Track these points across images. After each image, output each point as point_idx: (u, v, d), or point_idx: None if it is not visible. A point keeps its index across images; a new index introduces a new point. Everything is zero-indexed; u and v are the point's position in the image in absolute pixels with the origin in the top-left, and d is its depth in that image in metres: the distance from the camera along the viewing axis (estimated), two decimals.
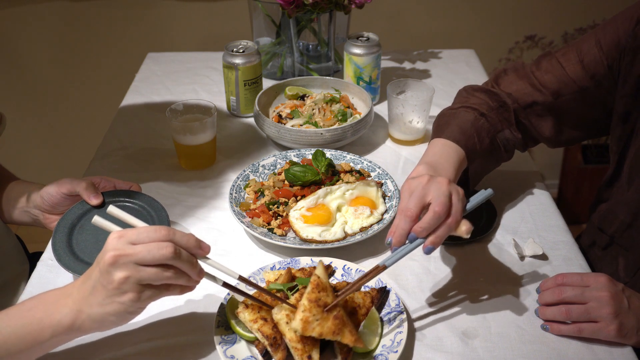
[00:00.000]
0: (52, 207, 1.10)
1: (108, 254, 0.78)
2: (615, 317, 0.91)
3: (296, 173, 1.22)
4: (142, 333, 0.97)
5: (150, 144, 1.43)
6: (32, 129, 2.59)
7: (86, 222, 1.08)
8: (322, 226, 1.13)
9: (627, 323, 0.92)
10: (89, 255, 1.03)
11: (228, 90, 1.51)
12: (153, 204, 1.12)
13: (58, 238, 1.05)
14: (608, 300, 0.92)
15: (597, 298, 0.92)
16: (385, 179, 1.25)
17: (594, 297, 0.93)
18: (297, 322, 0.84)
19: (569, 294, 0.94)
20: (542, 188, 1.28)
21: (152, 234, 0.79)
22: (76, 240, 1.05)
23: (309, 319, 0.84)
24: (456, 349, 0.94)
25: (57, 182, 1.09)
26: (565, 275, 0.97)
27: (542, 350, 0.93)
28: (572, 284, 0.95)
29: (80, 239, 1.06)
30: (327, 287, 0.88)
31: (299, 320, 0.84)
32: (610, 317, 0.91)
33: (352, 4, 1.53)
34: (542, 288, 0.99)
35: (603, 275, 0.95)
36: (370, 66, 1.51)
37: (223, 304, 0.96)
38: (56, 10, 2.33)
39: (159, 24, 2.40)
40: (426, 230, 0.90)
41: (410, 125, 1.40)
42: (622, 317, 0.91)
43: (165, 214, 1.11)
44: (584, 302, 0.93)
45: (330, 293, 0.87)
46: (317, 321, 0.84)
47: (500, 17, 2.44)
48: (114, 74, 2.46)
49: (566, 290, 0.95)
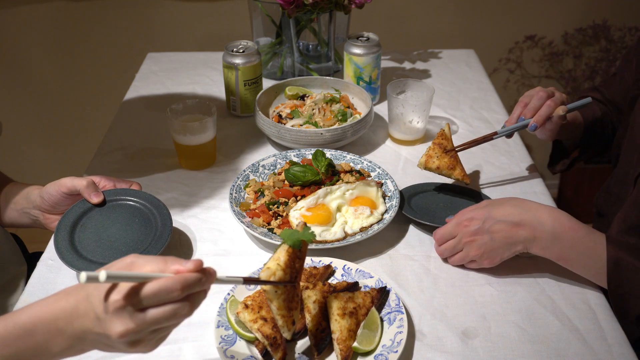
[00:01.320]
0: (52, 206, 1.10)
1: (119, 332, 0.69)
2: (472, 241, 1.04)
3: (296, 173, 1.22)
4: None
5: (150, 144, 1.43)
6: (32, 129, 2.59)
7: (87, 220, 1.08)
8: (322, 226, 1.13)
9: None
10: (92, 252, 1.03)
11: (228, 90, 1.51)
12: (154, 202, 1.12)
13: (60, 237, 1.05)
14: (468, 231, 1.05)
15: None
16: (385, 179, 1.25)
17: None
18: (422, 158, 1.20)
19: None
20: (542, 188, 1.28)
21: (163, 296, 0.69)
22: (78, 238, 1.06)
23: (431, 155, 1.19)
24: (456, 349, 0.94)
25: (57, 181, 1.09)
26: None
27: (542, 350, 0.93)
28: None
29: (83, 237, 1.06)
30: (449, 138, 1.21)
31: (424, 155, 1.20)
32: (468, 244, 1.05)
33: (352, 4, 1.52)
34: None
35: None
36: (370, 66, 1.51)
37: (223, 304, 0.96)
38: (56, 10, 2.33)
39: (159, 24, 2.40)
40: (531, 111, 1.19)
41: (410, 125, 1.40)
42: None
43: (167, 211, 1.11)
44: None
45: (450, 142, 1.21)
46: (437, 158, 1.19)
47: (500, 17, 2.44)
48: (114, 74, 2.45)
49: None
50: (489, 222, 1.02)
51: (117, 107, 1.59)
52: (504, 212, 1.02)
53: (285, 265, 0.81)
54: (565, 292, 1.04)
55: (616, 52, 2.52)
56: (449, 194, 1.25)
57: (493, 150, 1.40)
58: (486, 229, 1.02)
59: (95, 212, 1.09)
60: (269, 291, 0.82)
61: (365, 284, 1.01)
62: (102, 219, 1.08)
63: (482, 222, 1.03)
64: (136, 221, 1.09)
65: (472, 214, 1.05)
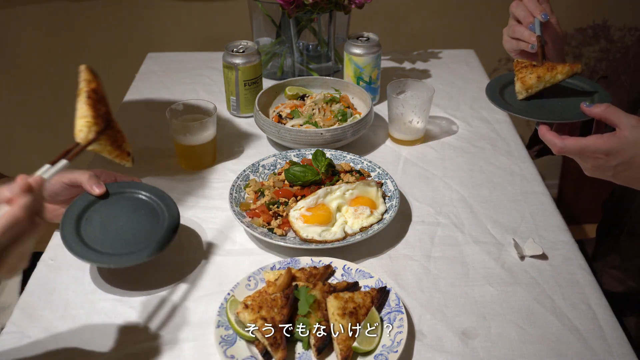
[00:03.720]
0: (51, 196, 1.08)
1: None
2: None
3: (296, 173, 1.22)
4: (142, 333, 0.97)
5: (150, 144, 1.43)
6: (32, 130, 2.58)
7: (92, 213, 1.06)
8: (322, 226, 1.13)
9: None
10: (100, 244, 1.01)
11: (228, 90, 1.51)
12: (158, 193, 1.11)
13: (67, 230, 1.02)
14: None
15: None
16: (385, 179, 1.25)
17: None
18: (517, 85, 1.07)
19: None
20: (542, 188, 1.28)
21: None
22: (85, 231, 1.03)
23: (523, 76, 1.07)
24: (456, 349, 0.94)
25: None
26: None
27: (542, 350, 0.93)
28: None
29: (89, 230, 1.03)
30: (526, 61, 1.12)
31: (517, 82, 1.07)
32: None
33: (352, 4, 1.53)
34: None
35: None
36: (370, 66, 1.51)
37: (223, 304, 0.96)
38: (56, 10, 2.33)
39: (159, 24, 2.40)
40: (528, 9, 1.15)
41: (410, 125, 1.40)
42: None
43: (172, 201, 1.10)
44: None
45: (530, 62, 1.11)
46: (530, 72, 1.07)
47: (500, 17, 2.42)
48: (113, 74, 2.45)
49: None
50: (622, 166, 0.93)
51: (117, 107, 1.59)
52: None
53: (92, 116, 0.87)
54: (565, 292, 1.04)
55: (616, 52, 2.51)
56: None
57: (493, 150, 1.40)
58: (612, 175, 0.95)
59: (99, 205, 1.07)
60: (94, 147, 0.88)
61: (365, 284, 1.01)
62: (108, 211, 1.06)
63: (614, 166, 0.93)
64: (142, 212, 1.08)
65: (611, 147, 0.91)
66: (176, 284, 1.06)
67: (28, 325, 0.98)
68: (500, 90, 1.11)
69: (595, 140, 0.91)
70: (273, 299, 0.93)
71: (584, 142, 0.92)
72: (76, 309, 1.01)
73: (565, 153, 0.95)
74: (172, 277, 1.07)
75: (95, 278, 1.07)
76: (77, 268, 1.08)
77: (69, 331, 0.97)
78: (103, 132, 0.88)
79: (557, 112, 1.04)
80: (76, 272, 1.08)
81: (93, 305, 1.02)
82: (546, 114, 1.03)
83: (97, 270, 1.08)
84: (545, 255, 1.11)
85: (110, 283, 1.06)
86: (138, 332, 0.97)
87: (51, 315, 1.00)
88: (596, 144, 0.91)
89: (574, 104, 1.01)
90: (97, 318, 0.99)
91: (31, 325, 0.98)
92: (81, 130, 0.86)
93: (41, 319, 0.99)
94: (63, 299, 1.03)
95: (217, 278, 1.07)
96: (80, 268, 1.09)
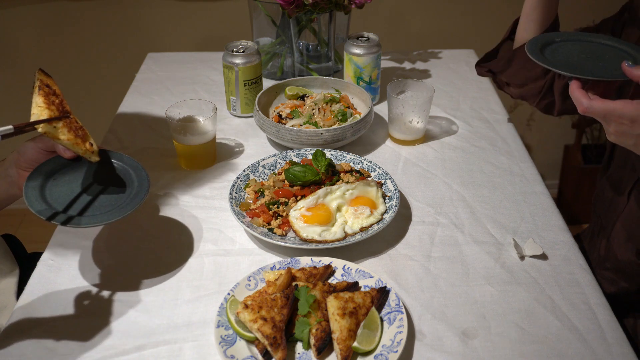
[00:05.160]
0: (28, 163, 1.06)
1: None
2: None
3: (296, 173, 1.22)
4: (142, 333, 0.97)
5: (150, 144, 1.43)
6: None
7: (60, 175, 1.04)
8: (322, 226, 1.13)
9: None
10: (62, 205, 0.99)
11: (228, 90, 1.51)
12: (132, 164, 1.08)
13: (30, 185, 1.00)
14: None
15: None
16: (385, 179, 1.25)
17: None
18: None
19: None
20: (542, 188, 1.28)
21: None
22: (50, 191, 1.01)
23: None
24: (456, 349, 0.94)
25: (34, 137, 1.06)
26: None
27: (542, 350, 0.93)
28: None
29: (54, 190, 1.01)
30: None
31: None
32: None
33: (352, 4, 1.53)
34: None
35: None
36: (370, 66, 1.51)
37: (223, 304, 0.96)
38: (56, 10, 2.34)
39: (159, 24, 2.40)
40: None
41: (410, 125, 1.40)
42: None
43: (145, 173, 1.07)
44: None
45: None
46: None
47: (500, 17, 2.43)
48: (113, 74, 2.46)
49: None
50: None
51: (117, 107, 1.59)
52: None
53: (45, 103, 0.94)
54: (565, 292, 1.04)
55: None
56: (585, 43, 1.08)
57: (493, 150, 1.40)
58: (633, 143, 0.92)
59: (69, 169, 1.05)
60: (50, 131, 0.94)
61: (365, 284, 1.01)
62: (77, 174, 1.05)
63: (637, 135, 0.90)
64: (112, 179, 1.05)
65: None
66: (176, 284, 1.06)
67: (28, 325, 0.98)
68: (542, 47, 1.06)
69: (623, 105, 0.88)
70: (273, 299, 0.93)
71: (611, 105, 0.89)
72: (76, 309, 1.01)
73: (590, 114, 0.91)
74: (172, 277, 1.07)
75: (95, 278, 1.07)
76: (77, 268, 1.09)
77: (69, 331, 0.97)
78: (58, 119, 0.96)
79: (596, 71, 0.97)
80: (76, 272, 1.08)
81: (93, 305, 1.02)
82: (582, 71, 0.97)
83: (97, 270, 1.08)
84: (545, 255, 1.11)
85: (110, 283, 1.06)
86: (138, 332, 0.97)
87: (51, 315, 1.00)
88: (623, 109, 0.88)
89: (615, 66, 0.96)
90: (97, 318, 0.99)
91: (31, 325, 0.98)
92: (33, 114, 0.95)
93: (41, 319, 0.99)
94: (63, 299, 1.03)
95: (217, 278, 1.07)
96: (80, 268, 1.09)
